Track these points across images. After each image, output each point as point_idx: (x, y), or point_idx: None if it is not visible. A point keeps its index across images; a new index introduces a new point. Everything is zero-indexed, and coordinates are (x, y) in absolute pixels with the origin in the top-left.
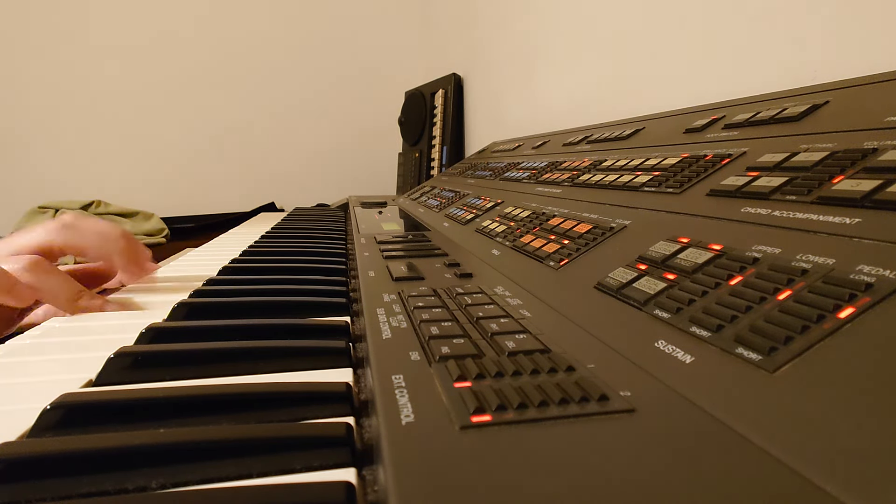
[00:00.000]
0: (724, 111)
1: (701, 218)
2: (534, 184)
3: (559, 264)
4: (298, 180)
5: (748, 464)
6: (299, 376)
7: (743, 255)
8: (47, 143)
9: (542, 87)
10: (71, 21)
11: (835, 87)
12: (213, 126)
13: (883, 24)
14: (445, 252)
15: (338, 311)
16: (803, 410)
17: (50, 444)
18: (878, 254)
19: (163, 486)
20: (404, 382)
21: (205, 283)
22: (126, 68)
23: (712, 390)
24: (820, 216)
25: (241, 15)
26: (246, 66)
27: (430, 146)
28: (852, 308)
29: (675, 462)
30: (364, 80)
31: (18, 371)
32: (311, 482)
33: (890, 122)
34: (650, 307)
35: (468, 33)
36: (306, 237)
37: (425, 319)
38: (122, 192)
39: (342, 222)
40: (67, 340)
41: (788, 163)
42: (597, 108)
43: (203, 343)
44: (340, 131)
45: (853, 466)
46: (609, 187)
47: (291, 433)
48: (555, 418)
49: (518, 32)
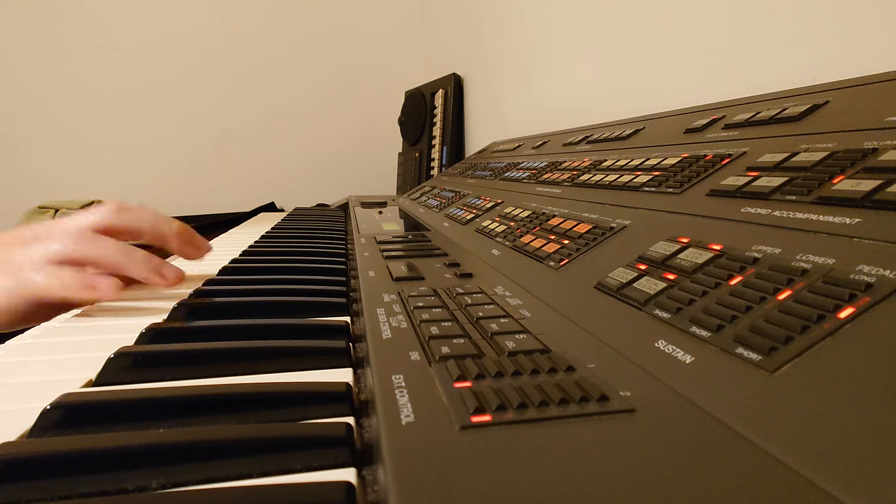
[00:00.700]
0: (724, 111)
1: (701, 218)
2: (534, 184)
3: (559, 264)
4: (298, 180)
5: (748, 464)
6: (299, 376)
7: (743, 255)
8: (47, 143)
9: (542, 87)
10: (71, 22)
11: (835, 87)
12: (214, 126)
13: (883, 24)
14: (445, 252)
15: (338, 311)
16: (803, 410)
17: (50, 444)
18: (878, 254)
19: (163, 486)
20: (404, 382)
21: (205, 283)
22: (126, 69)
23: (712, 390)
24: (820, 216)
25: (241, 16)
26: (246, 67)
27: (430, 146)
28: (852, 308)
29: (675, 462)
30: (364, 80)
31: (18, 371)
32: (311, 482)
33: (890, 122)
34: (650, 307)
35: (468, 33)
36: (306, 237)
37: (425, 319)
38: (122, 192)
39: (342, 222)
40: (67, 340)
41: (788, 163)
42: (597, 108)
43: (203, 343)
44: (340, 131)
45: (853, 466)
46: (609, 187)
47: (291, 433)
48: (555, 418)
49: (518, 32)
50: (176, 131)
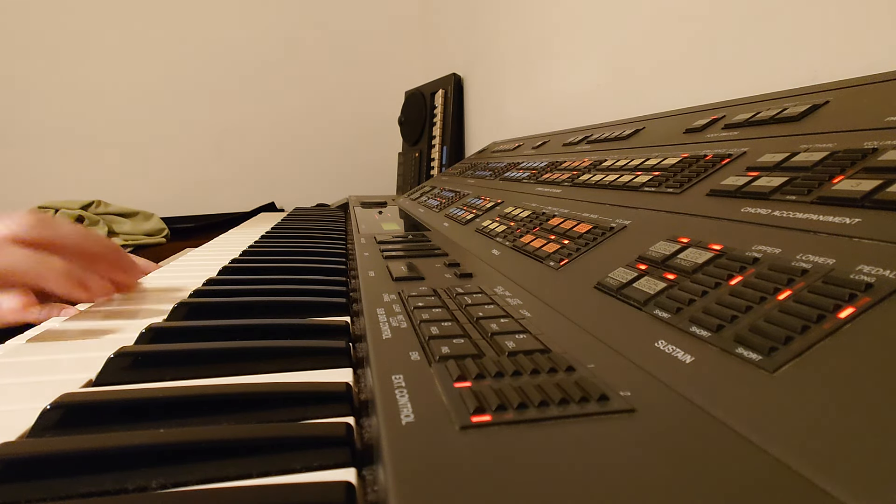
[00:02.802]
0: (724, 111)
1: (701, 218)
2: (534, 184)
3: (559, 264)
4: (298, 180)
5: (748, 464)
6: (299, 376)
7: (743, 255)
8: (47, 143)
9: (541, 88)
10: (71, 21)
11: (835, 87)
12: (214, 126)
13: (882, 24)
14: (445, 252)
15: (338, 311)
16: (803, 410)
17: (50, 444)
18: (878, 254)
19: (163, 486)
20: (404, 382)
21: (205, 283)
22: (126, 68)
23: (712, 390)
24: (820, 216)
25: (241, 15)
26: (247, 67)
27: (430, 146)
28: (852, 308)
29: (675, 462)
30: (364, 80)
31: (18, 371)
32: (311, 482)
33: (890, 122)
34: (650, 307)
35: (468, 33)
36: (306, 237)
37: (425, 319)
38: (122, 192)
39: (342, 222)
40: (67, 340)
41: (788, 163)
42: (597, 109)
43: (203, 343)
44: (340, 131)
45: (853, 466)
46: (609, 187)
47: (291, 433)
48: (555, 418)
49: (518, 32)
50: (176, 131)
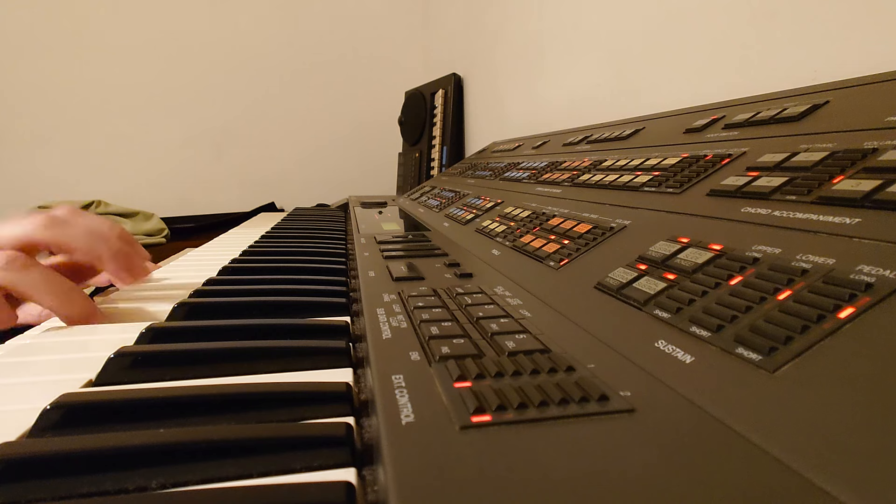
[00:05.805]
0: (724, 111)
1: (701, 218)
2: (534, 184)
3: (559, 264)
4: (298, 180)
5: (748, 464)
6: (299, 376)
7: (743, 255)
8: (47, 143)
9: (542, 87)
10: (71, 21)
11: (835, 87)
12: (214, 126)
13: (883, 24)
14: (445, 252)
15: (338, 311)
16: (803, 410)
17: (50, 444)
18: (878, 254)
19: (163, 486)
20: (404, 382)
21: (205, 282)
22: (126, 68)
23: (712, 390)
24: (820, 216)
25: (241, 15)
26: (246, 66)
27: (430, 146)
28: (852, 308)
29: (675, 462)
30: (364, 80)
31: (18, 371)
32: (311, 482)
33: (890, 122)
34: (650, 307)
35: (468, 33)
36: (306, 237)
37: (425, 319)
38: (122, 192)
39: (342, 222)
40: (67, 340)
41: (788, 163)
42: (597, 108)
43: (203, 343)
44: (340, 131)
45: (853, 466)
46: (609, 187)
47: (291, 433)
48: (555, 418)
49: (518, 32)
50: (176, 131)
